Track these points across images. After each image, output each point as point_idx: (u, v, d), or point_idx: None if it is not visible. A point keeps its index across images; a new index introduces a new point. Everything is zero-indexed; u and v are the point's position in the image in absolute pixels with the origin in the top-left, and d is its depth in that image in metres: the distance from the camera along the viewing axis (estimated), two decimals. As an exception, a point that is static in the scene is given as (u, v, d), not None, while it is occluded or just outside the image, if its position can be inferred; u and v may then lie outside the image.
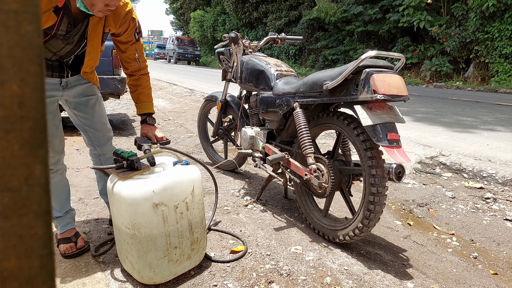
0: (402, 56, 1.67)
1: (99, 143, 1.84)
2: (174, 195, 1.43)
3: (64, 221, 1.76)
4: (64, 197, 1.78)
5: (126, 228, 1.40)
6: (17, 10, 0.27)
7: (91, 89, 1.79)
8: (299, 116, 1.89)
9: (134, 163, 1.45)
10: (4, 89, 0.28)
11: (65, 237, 1.73)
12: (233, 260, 1.68)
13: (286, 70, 2.30)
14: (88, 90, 1.77)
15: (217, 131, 3.00)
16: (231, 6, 21.49)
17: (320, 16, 15.20)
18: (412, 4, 11.90)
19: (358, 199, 2.41)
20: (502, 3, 9.99)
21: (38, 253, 0.30)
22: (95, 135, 1.83)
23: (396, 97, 1.54)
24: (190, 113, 5.83)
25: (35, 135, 0.29)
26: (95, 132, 1.82)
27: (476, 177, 2.89)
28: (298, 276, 1.57)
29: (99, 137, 1.83)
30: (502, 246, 1.95)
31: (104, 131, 1.84)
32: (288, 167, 2.06)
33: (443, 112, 5.81)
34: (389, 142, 1.51)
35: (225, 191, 2.58)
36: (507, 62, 10.37)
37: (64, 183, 1.79)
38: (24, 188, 0.29)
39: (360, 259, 1.74)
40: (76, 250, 1.70)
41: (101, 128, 1.83)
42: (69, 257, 1.67)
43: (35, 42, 0.29)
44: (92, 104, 1.79)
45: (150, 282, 1.45)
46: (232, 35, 2.52)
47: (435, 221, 2.23)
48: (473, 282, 1.61)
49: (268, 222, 2.09)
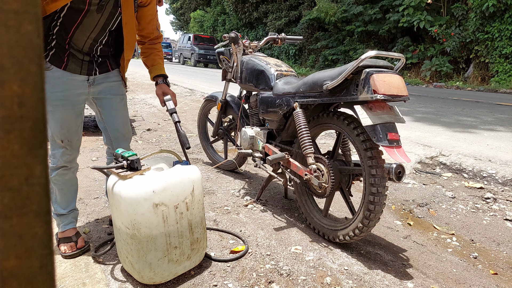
0: (402, 56, 1.67)
1: (118, 144, 1.84)
2: (174, 195, 1.43)
3: (67, 220, 1.76)
4: (71, 195, 1.79)
5: (126, 228, 1.40)
6: (18, 10, 0.27)
7: (119, 88, 1.79)
8: (299, 116, 1.89)
9: (134, 163, 1.45)
10: (4, 89, 0.28)
11: (66, 236, 1.73)
12: (234, 259, 1.68)
13: (286, 70, 2.30)
14: (115, 88, 1.77)
15: (217, 131, 3.00)
16: (231, 6, 21.49)
17: (320, 16, 15.20)
18: (412, 4, 11.90)
19: (358, 199, 2.41)
20: (502, 3, 9.99)
21: (38, 253, 0.30)
22: (115, 134, 1.82)
23: (396, 97, 1.54)
24: (190, 113, 5.83)
25: (35, 135, 0.29)
26: (115, 132, 1.82)
27: (476, 177, 2.89)
28: (298, 276, 1.57)
29: (118, 137, 1.83)
30: (502, 246, 1.95)
31: (124, 131, 1.84)
32: (288, 167, 2.06)
33: (443, 112, 5.81)
34: (389, 142, 1.51)
35: (225, 191, 2.58)
36: (507, 62, 10.37)
37: (73, 182, 1.79)
38: (24, 188, 0.29)
39: (360, 259, 1.74)
40: (77, 250, 1.69)
41: (122, 128, 1.83)
42: (69, 257, 1.67)
43: (35, 42, 0.29)
44: (117, 103, 1.79)
45: (150, 282, 1.45)
46: (232, 35, 2.52)
47: (435, 221, 2.23)
48: (473, 282, 1.61)
49: (268, 222, 2.09)
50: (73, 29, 1.54)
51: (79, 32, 1.55)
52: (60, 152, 1.64)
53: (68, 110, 1.60)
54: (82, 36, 1.57)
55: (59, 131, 1.60)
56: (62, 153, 1.64)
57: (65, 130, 1.61)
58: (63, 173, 1.69)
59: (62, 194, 1.74)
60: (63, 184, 1.72)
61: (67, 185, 1.74)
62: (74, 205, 1.81)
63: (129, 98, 7.36)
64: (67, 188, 1.75)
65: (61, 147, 1.64)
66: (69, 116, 1.61)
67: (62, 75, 1.58)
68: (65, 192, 1.75)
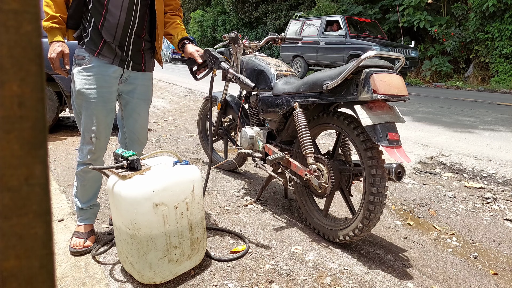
0: (402, 56, 1.67)
1: (132, 147, 1.86)
2: (174, 195, 1.43)
3: (85, 215, 1.80)
4: (92, 191, 1.82)
5: (126, 228, 1.40)
6: (17, 10, 0.27)
7: (147, 91, 1.81)
8: (299, 116, 1.89)
9: (134, 163, 1.45)
10: (4, 89, 0.28)
11: (80, 231, 1.77)
12: (235, 258, 1.68)
13: (286, 70, 2.30)
14: (143, 92, 1.79)
15: (217, 131, 3.00)
16: (231, 6, 21.49)
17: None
18: (412, 4, 11.90)
19: (358, 199, 2.41)
20: (502, 3, 9.99)
21: (37, 253, 0.30)
22: (131, 137, 1.84)
23: (396, 97, 1.54)
24: (190, 113, 5.83)
25: (35, 135, 0.29)
26: (132, 134, 1.84)
27: (476, 177, 2.89)
28: (298, 276, 1.57)
29: (134, 139, 1.85)
30: (502, 246, 1.95)
31: (141, 136, 1.86)
32: (288, 167, 2.06)
33: (443, 112, 5.81)
34: (389, 142, 1.51)
35: (225, 191, 2.58)
36: (507, 62, 10.37)
37: (96, 179, 1.80)
38: (24, 188, 0.29)
39: (360, 259, 1.74)
40: (83, 248, 1.72)
41: (139, 132, 1.85)
42: (74, 253, 1.70)
43: (35, 42, 0.28)
44: (141, 107, 1.81)
45: (150, 282, 1.45)
46: (232, 35, 2.52)
47: (435, 221, 2.23)
48: (473, 282, 1.61)
49: (268, 222, 2.09)
50: (103, 13, 1.56)
51: (109, 16, 1.57)
52: (88, 148, 1.67)
53: (100, 107, 1.62)
54: (113, 20, 1.58)
55: (90, 127, 1.63)
56: (89, 149, 1.67)
57: (95, 126, 1.63)
58: (88, 170, 1.72)
59: (84, 190, 1.77)
60: (85, 180, 1.75)
61: (89, 182, 1.77)
62: (95, 201, 1.85)
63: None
64: (89, 185, 1.78)
65: (89, 144, 1.67)
66: (101, 113, 1.64)
67: (98, 66, 1.59)
68: (86, 188, 1.78)
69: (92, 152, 1.68)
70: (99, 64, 1.60)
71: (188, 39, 1.82)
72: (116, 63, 1.64)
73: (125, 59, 1.67)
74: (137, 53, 1.70)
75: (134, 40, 1.67)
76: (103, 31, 1.59)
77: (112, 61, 1.63)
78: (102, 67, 1.61)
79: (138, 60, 1.72)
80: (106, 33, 1.59)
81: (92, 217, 1.83)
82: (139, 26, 1.66)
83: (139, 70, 1.73)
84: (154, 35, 1.75)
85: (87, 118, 1.62)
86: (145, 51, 1.74)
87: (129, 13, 1.60)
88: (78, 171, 1.73)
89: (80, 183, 1.76)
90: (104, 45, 1.60)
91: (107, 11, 1.57)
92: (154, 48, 1.79)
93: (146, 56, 1.76)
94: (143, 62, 1.74)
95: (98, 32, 1.59)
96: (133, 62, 1.70)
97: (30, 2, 0.28)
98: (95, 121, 1.62)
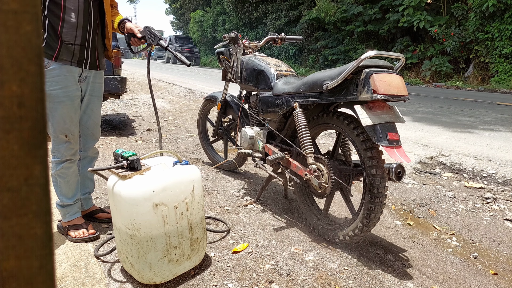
0: (402, 56, 1.67)
1: (86, 142, 1.93)
2: (174, 195, 1.43)
3: (73, 210, 1.87)
4: (75, 185, 1.88)
5: (126, 228, 1.40)
6: (17, 10, 0.27)
7: (100, 89, 1.92)
8: (299, 116, 1.89)
9: (134, 163, 1.45)
10: (3, 89, 0.27)
11: (75, 224, 1.84)
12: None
13: (286, 70, 2.30)
14: (97, 89, 1.90)
15: (217, 131, 3.00)
16: (231, 6, 21.49)
17: (320, 16, 15.19)
18: (412, 4, 11.90)
19: (358, 199, 2.41)
20: (502, 3, 9.99)
21: (37, 253, 0.30)
22: (85, 132, 1.92)
23: (396, 97, 1.54)
24: (190, 113, 5.83)
25: (35, 135, 0.29)
26: (86, 130, 1.91)
27: (476, 177, 2.89)
28: (298, 276, 1.57)
29: (88, 135, 1.93)
30: (502, 246, 1.95)
31: (94, 131, 1.95)
32: (288, 167, 2.06)
33: (443, 112, 5.81)
34: (389, 142, 1.51)
35: (225, 191, 2.58)
36: (507, 62, 10.37)
37: (76, 173, 1.88)
38: (23, 188, 0.29)
39: (360, 259, 1.74)
40: (88, 235, 1.79)
41: (93, 127, 1.93)
42: (80, 240, 1.76)
43: (34, 42, 0.28)
44: (95, 103, 1.91)
45: (150, 282, 1.45)
46: (232, 35, 2.52)
47: (435, 221, 2.23)
48: (473, 282, 1.61)
49: (268, 222, 2.09)
50: (61, 15, 1.64)
51: (68, 17, 1.65)
52: (64, 146, 1.75)
53: (68, 106, 1.71)
54: (73, 20, 1.67)
55: (63, 126, 1.71)
56: (66, 147, 1.76)
57: (68, 124, 1.73)
58: (68, 166, 1.80)
59: (68, 185, 1.84)
60: (68, 176, 1.83)
61: (72, 176, 1.85)
62: (79, 194, 1.91)
63: (129, 98, 7.37)
64: (72, 179, 1.85)
65: (64, 142, 1.75)
66: (70, 111, 1.73)
67: (59, 68, 1.68)
68: (70, 183, 1.85)
69: (70, 148, 1.77)
70: (59, 66, 1.68)
71: (127, 19, 1.96)
72: (75, 64, 1.73)
73: (83, 59, 1.75)
74: (93, 52, 1.80)
75: (92, 39, 1.76)
76: (63, 34, 1.66)
77: (70, 62, 1.71)
78: (63, 69, 1.69)
79: (94, 59, 1.81)
80: (67, 34, 1.67)
81: (79, 210, 1.91)
82: (94, 25, 1.77)
83: (95, 68, 1.83)
84: (105, 33, 1.86)
85: (58, 118, 1.69)
86: (99, 50, 1.84)
87: (86, 14, 1.70)
88: (58, 170, 1.78)
89: (63, 180, 1.82)
90: (61, 48, 1.67)
91: (65, 13, 1.64)
92: (105, 46, 1.89)
93: (100, 54, 1.86)
94: (97, 60, 1.84)
95: (55, 36, 1.66)
96: (90, 61, 1.79)
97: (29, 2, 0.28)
98: (68, 119, 1.72)
